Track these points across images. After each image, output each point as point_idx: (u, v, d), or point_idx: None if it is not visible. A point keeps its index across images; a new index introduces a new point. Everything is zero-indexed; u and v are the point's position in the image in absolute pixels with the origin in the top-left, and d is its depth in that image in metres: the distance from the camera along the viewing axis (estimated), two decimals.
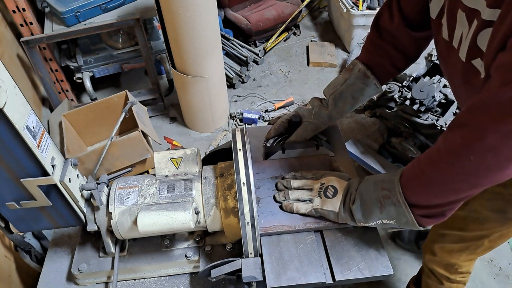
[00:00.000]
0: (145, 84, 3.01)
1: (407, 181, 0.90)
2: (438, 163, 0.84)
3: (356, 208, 0.99)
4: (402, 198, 0.89)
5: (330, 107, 1.21)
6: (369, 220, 0.98)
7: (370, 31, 1.17)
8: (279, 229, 1.10)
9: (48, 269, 1.25)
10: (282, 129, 1.27)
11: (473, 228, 1.21)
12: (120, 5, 2.49)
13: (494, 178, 0.79)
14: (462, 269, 1.36)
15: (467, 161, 0.77)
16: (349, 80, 1.17)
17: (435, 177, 0.85)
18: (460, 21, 0.82)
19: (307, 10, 3.69)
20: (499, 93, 0.71)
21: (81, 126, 2.03)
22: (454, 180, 0.82)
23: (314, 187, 1.11)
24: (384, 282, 1.95)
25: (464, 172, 0.80)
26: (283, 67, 3.20)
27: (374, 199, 0.95)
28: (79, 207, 1.12)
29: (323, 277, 1.02)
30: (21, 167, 0.95)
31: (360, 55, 1.20)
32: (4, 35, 2.48)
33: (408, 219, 0.90)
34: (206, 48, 2.24)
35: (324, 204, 1.06)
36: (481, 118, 0.74)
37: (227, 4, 3.23)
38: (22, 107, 0.90)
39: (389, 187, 0.92)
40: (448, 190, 0.85)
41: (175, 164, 1.17)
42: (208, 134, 2.72)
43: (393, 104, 2.13)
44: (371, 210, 0.96)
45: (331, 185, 1.07)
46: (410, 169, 0.91)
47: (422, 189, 0.88)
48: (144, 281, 1.21)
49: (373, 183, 0.97)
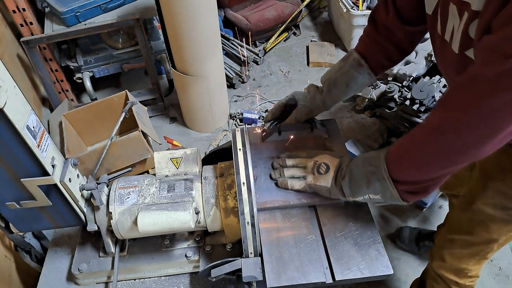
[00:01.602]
0: (145, 84, 3.01)
1: (392, 158, 0.93)
2: (420, 141, 0.87)
3: (345, 184, 1.02)
4: (387, 174, 0.92)
5: (324, 93, 1.25)
6: (357, 194, 1.01)
7: (367, 24, 1.21)
8: (275, 204, 1.14)
9: (48, 269, 1.25)
10: (279, 112, 1.31)
11: (479, 231, 1.21)
12: (120, 5, 2.49)
13: (473, 155, 0.81)
14: (471, 273, 1.37)
15: (447, 138, 0.81)
16: (344, 68, 1.21)
17: (416, 154, 0.88)
18: (451, 14, 0.84)
19: (307, 10, 3.69)
20: (479, 73, 0.73)
21: (81, 126, 2.03)
22: (435, 157, 0.85)
23: (308, 165, 1.14)
24: (384, 282, 1.95)
25: (443, 149, 0.83)
26: (283, 67, 3.20)
27: (361, 175, 0.98)
28: (79, 207, 1.12)
29: (323, 276, 1.02)
30: (21, 167, 0.95)
31: (357, 46, 1.24)
32: (4, 35, 2.48)
33: (392, 194, 0.93)
34: (206, 48, 2.24)
35: (317, 180, 1.10)
36: (462, 97, 0.77)
37: (227, 4, 3.23)
38: (22, 107, 0.90)
39: (375, 163, 0.95)
40: (429, 167, 0.87)
41: (175, 164, 1.17)
42: (208, 134, 2.72)
43: (393, 104, 2.12)
44: (359, 185, 0.99)
45: (324, 162, 1.10)
46: (395, 146, 0.94)
47: (405, 165, 0.91)
48: (144, 281, 1.21)
49: (362, 160, 1.01)
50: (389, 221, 2.18)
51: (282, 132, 1.29)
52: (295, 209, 1.15)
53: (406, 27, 1.12)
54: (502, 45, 0.68)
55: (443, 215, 2.16)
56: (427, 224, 2.16)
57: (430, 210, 2.21)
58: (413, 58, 2.25)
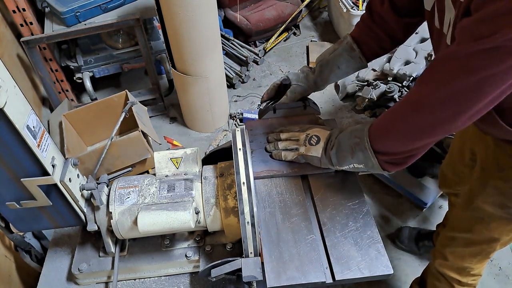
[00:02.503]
0: (145, 84, 3.01)
1: (374, 131, 1.00)
2: (398, 115, 0.94)
3: (333, 154, 1.08)
4: (368, 145, 0.99)
5: (316, 73, 1.31)
6: (343, 164, 1.07)
7: (364, 12, 1.26)
8: (269, 173, 1.21)
9: (48, 269, 1.25)
10: (274, 93, 1.38)
11: (479, 229, 1.22)
12: (120, 5, 2.49)
13: (446, 129, 0.86)
14: (474, 272, 1.37)
15: (421, 113, 0.87)
16: (337, 51, 1.26)
17: (395, 127, 0.94)
18: (447, 7, 0.86)
19: (307, 10, 3.69)
20: (453, 53, 0.76)
21: (81, 126, 2.03)
22: (411, 130, 0.91)
23: (300, 137, 1.19)
24: (384, 282, 1.95)
25: (419, 123, 0.88)
26: (283, 67, 3.20)
27: (347, 146, 1.05)
28: (79, 207, 1.12)
29: (323, 276, 1.02)
30: (21, 167, 0.95)
31: (353, 31, 1.28)
32: (4, 35, 2.48)
33: (373, 163, 1.00)
34: (206, 48, 2.24)
35: (308, 151, 1.15)
36: (436, 74, 0.82)
37: (227, 4, 3.23)
38: (22, 107, 0.90)
39: (359, 135, 1.02)
40: (406, 139, 0.93)
41: (175, 164, 1.18)
42: (208, 134, 2.72)
43: (393, 104, 2.13)
44: (345, 156, 1.05)
45: (315, 134, 1.16)
46: (378, 120, 1.00)
47: (384, 137, 0.98)
48: (144, 281, 1.21)
49: (349, 132, 1.06)
50: (389, 221, 2.18)
51: (277, 111, 1.36)
52: (295, 209, 1.15)
53: (400, 18, 1.15)
54: (473, 27, 0.71)
55: (443, 215, 2.15)
56: (427, 224, 2.16)
57: (430, 210, 2.21)
58: (413, 58, 2.25)
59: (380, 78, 2.33)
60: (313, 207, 1.17)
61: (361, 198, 1.17)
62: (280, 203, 1.16)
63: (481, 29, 0.70)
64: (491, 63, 0.72)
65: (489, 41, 0.69)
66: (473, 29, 0.71)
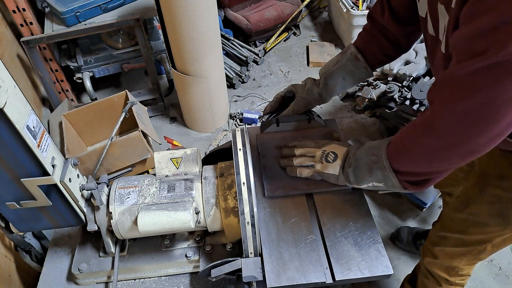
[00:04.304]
0: (145, 84, 3.01)
1: (392, 150, 0.96)
2: (413, 136, 0.90)
3: (350, 172, 1.05)
4: (388, 164, 0.95)
5: (321, 85, 1.27)
6: (361, 182, 1.03)
7: (366, 20, 1.23)
8: (285, 192, 1.17)
9: (48, 269, 1.25)
10: (277, 105, 1.34)
11: (473, 232, 1.21)
12: (120, 5, 2.49)
13: (461, 153, 0.82)
14: (462, 272, 1.36)
15: (433, 136, 0.82)
16: (341, 62, 1.24)
17: (411, 148, 0.90)
18: (441, 14, 0.84)
19: (307, 10, 3.69)
20: (453, 72, 0.73)
21: (81, 126, 2.03)
22: (426, 152, 0.87)
23: (316, 154, 1.16)
24: (384, 282, 1.95)
25: (433, 146, 0.84)
26: (283, 67, 3.20)
27: (365, 164, 1.01)
28: (79, 207, 1.12)
29: (323, 276, 1.02)
30: (21, 167, 0.95)
31: (356, 40, 1.25)
32: (4, 35, 2.48)
33: (393, 183, 0.95)
34: (206, 48, 2.24)
35: (325, 168, 1.12)
36: (441, 95, 0.78)
37: (227, 4, 3.23)
38: (22, 107, 0.90)
39: (377, 153, 0.98)
40: (423, 161, 0.89)
41: (175, 164, 1.17)
42: (208, 134, 2.72)
43: (393, 104, 2.12)
44: (363, 174, 1.02)
45: (332, 151, 1.12)
46: (396, 138, 0.96)
47: (402, 157, 0.94)
48: (144, 281, 1.21)
49: (366, 149, 1.03)
50: (389, 221, 2.18)
51: (280, 124, 1.32)
52: (295, 210, 1.15)
53: (401, 26, 1.14)
54: (468, 43, 0.68)
55: None
56: (427, 224, 2.16)
57: (429, 210, 2.21)
58: (413, 58, 2.25)
59: (380, 78, 2.33)
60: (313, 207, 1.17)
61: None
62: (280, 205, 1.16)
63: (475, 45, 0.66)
64: (496, 81, 0.67)
65: (487, 57, 0.65)
66: (466, 45, 0.68)
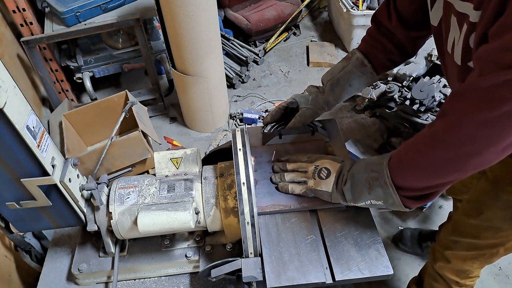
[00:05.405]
0: (145, 84, 3.01)
1: (395, 165, 0.92)
2: (422, 148, 0.87)
3: (346, 189, 1.01)
4: (389, 181, 0.91)
5: (326, 93, 1.24)
6: (359, 200, 1.00)
7: (370, 25, 1.21)
8: (275, 208, 1.14)
9: (48, 269, 1.25)
10: (279, 115, 1.30)
11: (486, 236, 1.21)
12: (120, 5, 2.49)
13: (473, 164, 0.81)
14: (472, 274, 1.37)
15: (447, 147, 0.80)
16: (347, 68, 1.21)
17: (418, 161, 0.87)
18: (453, 26, 0.84)
19: (307, 10, 3.69)
20: (476, 83, 0.73)
21: (81, 126, 2.03)
22: (436, 165, 0.84)
23: (309, 169, 1.13)
24: (384, 282, 1.95)
25: (444, 158, 0.82)
26: (283, 67, 3.20)
27: (363, 180, 0.97)
28: (79, 207, 1.12)
29: (323, 277, 1.02)
30: (21, 167, 0.95)
31: (360, 45, 1.23)
32: (4, 35, 2.47)
33: (394, 200, 0.93)
34: (206, 48, 2.24)
35: (318, 185, 1.09)
36: (459, 107, 0.77)
37: (227, 4, 3.23)
38: (22, 107, 0.90)
39: (378, 169, 0.94)
40: (431, 174, 0.87)
41: (175, 164, 1.17)
42: (208, 134, 2.72)
43: (393, 104, 2.13)
44: (361, 191, 0.98)
45: (325, 167, 1.09)
46: (398, 153, 0.93)
47: (407, 172, 0.91)
48: (144, 281, 1.21)
49: (364, 165, 1.00)
50: (389, 221, 2.18)
51: (283, 136, 1.29)
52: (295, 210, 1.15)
53: (408, 32, 1.12)
54: (497, 56, 0.68)
55: (443, 214, 2.16)
56: (427, 224, 2.16)
57: (430, 210, 2.21)
58: (413, 58, 2.25)
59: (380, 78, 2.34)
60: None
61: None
62: None
63: (504, 59, 0.66)
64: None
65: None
66: (495, 58, 0.68)
